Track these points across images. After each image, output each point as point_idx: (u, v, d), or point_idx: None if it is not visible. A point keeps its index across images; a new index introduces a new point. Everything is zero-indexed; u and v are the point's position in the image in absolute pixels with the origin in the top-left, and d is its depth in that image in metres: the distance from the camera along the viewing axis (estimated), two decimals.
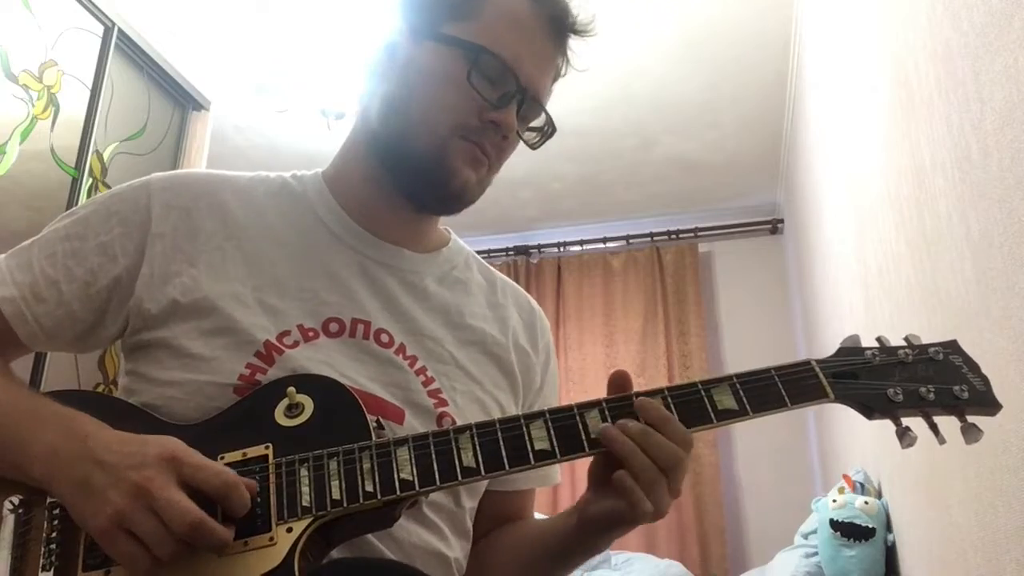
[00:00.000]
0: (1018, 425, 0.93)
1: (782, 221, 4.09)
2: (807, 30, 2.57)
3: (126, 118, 2.41)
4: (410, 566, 0.71)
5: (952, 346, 0.73)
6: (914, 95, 1.32)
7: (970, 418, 0.68)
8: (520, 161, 1.00)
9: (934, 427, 0.69)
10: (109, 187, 2.33)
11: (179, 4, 2.68)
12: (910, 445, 0.68)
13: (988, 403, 0.69)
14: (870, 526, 1.80)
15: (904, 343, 0.73)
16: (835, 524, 1.84)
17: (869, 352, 0.73)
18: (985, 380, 0.70)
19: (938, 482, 1.35)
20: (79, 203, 2.16)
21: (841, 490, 1.96)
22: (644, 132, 3.46)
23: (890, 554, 1.80)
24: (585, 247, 4.42)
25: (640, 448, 0.66)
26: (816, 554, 1.99)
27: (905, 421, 0.70)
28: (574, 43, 0.88)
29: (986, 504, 1.08)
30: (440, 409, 0.80)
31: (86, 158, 2.21)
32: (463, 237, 0.98)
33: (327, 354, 0.77)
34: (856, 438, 2.28)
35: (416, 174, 0.82)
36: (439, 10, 0.81)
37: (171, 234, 0.79)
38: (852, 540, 1.80)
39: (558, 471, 0.93)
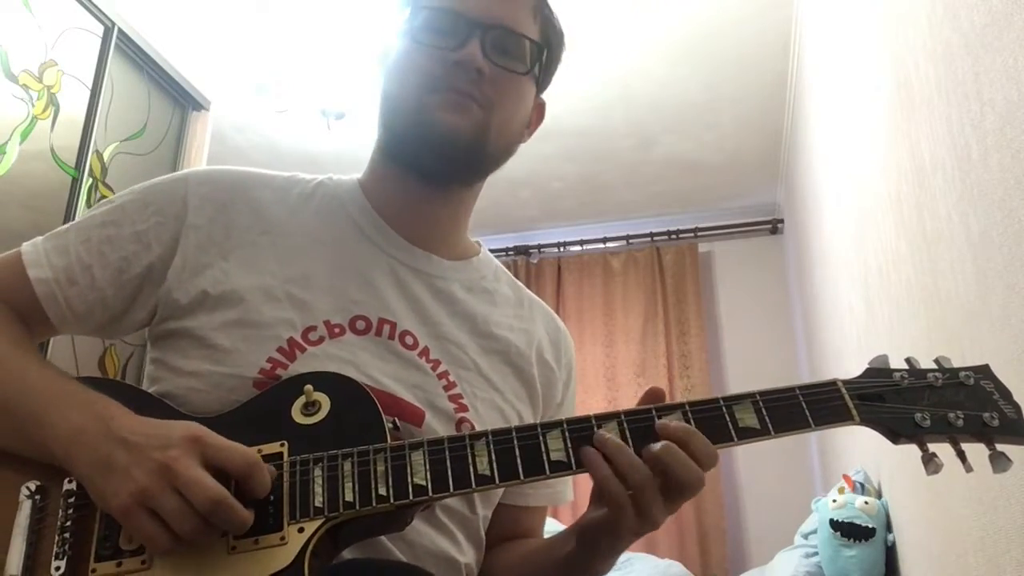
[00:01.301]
0: None
1: (782, 221, 4.09)
2: (807, 30, 2.57)
3: (126, 118, 2.41)
4: (422, 568, 0.71)
5: (984, 371, 0.71)
6: (914, 95, 1.32)
7: (999, 446, 0.66)
8: (520, 161, 1.00)
9: (961, 454, 0.67)
10: (109, 187, 2.33)
11: (179, 4, 2.68)
12: (936, 472, 0.66)
13: (1019, 432, 0.66)
14: (870, 526, 1.80)
15: (935, 366, 0.71)
16: (835, 524, 1.84)
17: (898, 374, 0.70)
18: (1017, 408, 0.68)
19: (938, 482, 1.35)
20: (79, 203, 2.17)
21: (841, 490, 1.96)
22: (644, 132, 3.46)
23: (890, 554, 1.80)
24: (585, 247, 4.42)
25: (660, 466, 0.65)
26: (816, 554, 1.99)
27: (931, 447, 0.68)
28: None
29: (986, 504, 1.08)
30: (460, 414, 0.80)
31: (86, 158, 2.20)
32: None
33: (351, 351, 0.77)
34: (856, 438, 2.28)
35: (409, 143, 0.83)
36: (408, 2, 0.86)
37: (206, 226, 0.80)
38: (852, 540, 1.80)
39: (571, 490, 0.93)
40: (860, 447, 2.22)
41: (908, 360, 0.72)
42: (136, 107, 2.47)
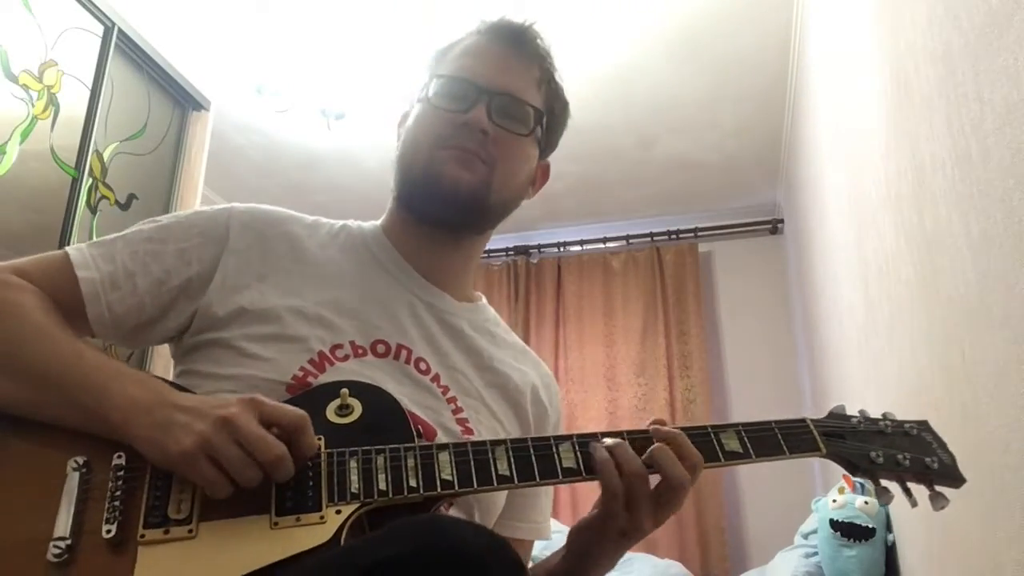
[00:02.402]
0: (1018, 425, 0.93)
1: (782, 221, 4.09)
2: (807, 30, 2.57)
3: (126, 118, 2.41)
4: (491, 531, 0.75)
5: (924, 425, 0.84)
6: (914, 95, 1.32)
7: (938, 487, 0.78)
8: None
9: (907, 491, 0.79)
10: (109, 187, 2.33)
11: (179, 4, 2.68)
12: (888, 503, 0.80)
13: (953, 476, 0.80)
14: (870, 526, 1.80)
15: (882, 417, 0.84)
16: (835, 524, 1.84)
17: (854, 419, 0.83)
18: (952, 456, 0.81)
19: None
20: (79, 203, 2.17)
21: (841, 490, 1.96)
22: (644, 132, 3.46)
23: (890, 554, 1.80)
24: (585, 247, 4.41)
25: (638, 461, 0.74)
26: (816, 554, 1.99)
27: (883, 482, 0.80)
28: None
29: (986, 504, 1.08)
30: (466, 436, 0.86)
31: (86, 158, 2.21)
32: None
33: (373, 371, 0.84)
34: None
35: (420, 195, 0.92)
36: (427, 74, 0.97)
37: (245, 252, 0.88)
38: (852, 540, 1.80)
39: (550, 528, 1.02)
40: None
41: (861, 411, 0.85)
42: (136, 107, 2.47)
